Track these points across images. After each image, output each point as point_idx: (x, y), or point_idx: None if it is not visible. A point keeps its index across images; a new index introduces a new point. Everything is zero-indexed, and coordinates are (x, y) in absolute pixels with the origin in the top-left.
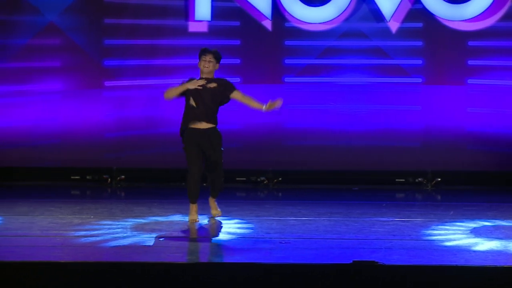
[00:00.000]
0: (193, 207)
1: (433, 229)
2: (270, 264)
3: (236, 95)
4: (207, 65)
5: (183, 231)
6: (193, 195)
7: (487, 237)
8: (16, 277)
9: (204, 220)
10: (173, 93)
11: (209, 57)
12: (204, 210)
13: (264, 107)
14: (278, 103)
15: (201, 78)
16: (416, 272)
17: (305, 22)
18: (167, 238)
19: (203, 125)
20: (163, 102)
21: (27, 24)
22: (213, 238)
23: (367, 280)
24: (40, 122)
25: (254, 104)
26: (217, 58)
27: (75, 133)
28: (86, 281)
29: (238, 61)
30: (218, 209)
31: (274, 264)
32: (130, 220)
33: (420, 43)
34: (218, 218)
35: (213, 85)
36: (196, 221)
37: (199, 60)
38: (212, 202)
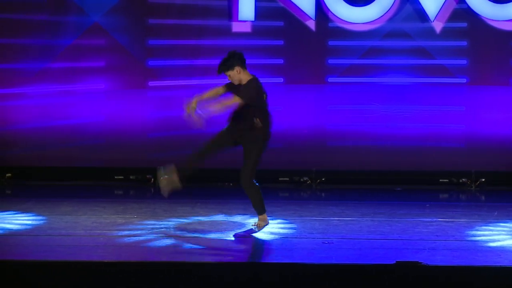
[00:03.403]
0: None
1: (477, 230)
2: (312, 264)
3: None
4: (231, 80)
5: (226, 231)
6: None
7: None
8: (60, 276)
9: (247, 220)
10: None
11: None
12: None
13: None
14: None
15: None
16: (460, 273)
17: (349, 22)
18: (208, 238)
19: None
20: (206, 102)
21: (72, 25)
22: (256, 238)
23: (411, 281)
24: (84, 122)
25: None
26: (231, 67)
27: (119, 133)
28: (129, 280)
29: (281, 61)
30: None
31: (317, 264)
32: (173, 220)
33: (464, 43)
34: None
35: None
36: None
37: None
38: None
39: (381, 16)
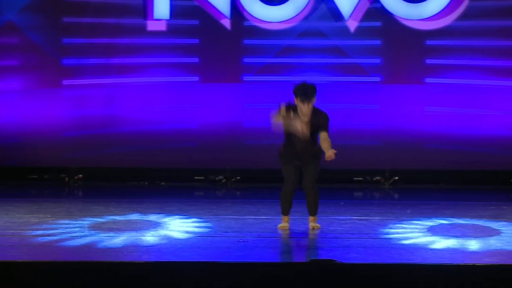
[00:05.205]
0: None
1: (391, 228)
2: (228, 263)
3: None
4: (307, 109)
5: (141, 230)
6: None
7: (444, 235)
8: None
9: (162, 219)
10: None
11: (307, 104)
12: (165, 209)
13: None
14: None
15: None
16: (374, 270)
17: (264, 21)
18: (123, 237)
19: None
20: (121, 101)
21: None
22: (170, 237)
23: (325, 279)
24: None
25: (325, 146)
26: (315, 97)
27: (33, 132)
28: (43, 281)
29: (196, 60)
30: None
31: (232, 263)
32: (87, 219)
33: (378, 42)
34: (177, 216)
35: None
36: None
37: (296, 99)
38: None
39: (296, 15)
